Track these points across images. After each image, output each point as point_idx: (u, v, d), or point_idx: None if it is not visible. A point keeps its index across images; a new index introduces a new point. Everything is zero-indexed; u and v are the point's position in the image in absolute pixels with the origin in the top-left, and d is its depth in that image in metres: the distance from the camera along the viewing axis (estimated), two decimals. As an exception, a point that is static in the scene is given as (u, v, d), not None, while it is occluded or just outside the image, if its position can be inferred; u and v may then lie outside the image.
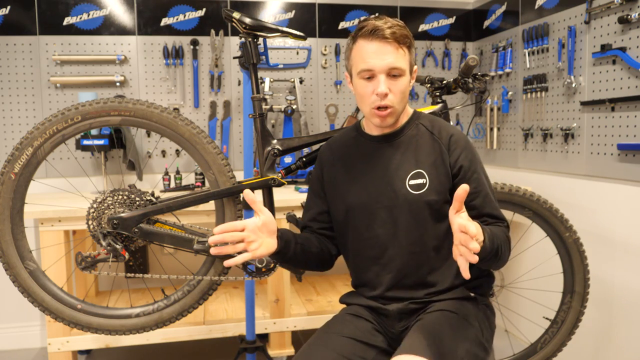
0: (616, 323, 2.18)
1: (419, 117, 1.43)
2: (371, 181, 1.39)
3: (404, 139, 1.39)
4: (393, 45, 1.28)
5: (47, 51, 2.76)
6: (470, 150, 1.37)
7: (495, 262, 1.28)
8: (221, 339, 2.49)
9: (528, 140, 2.71)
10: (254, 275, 1.61)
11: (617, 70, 2.13)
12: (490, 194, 1.38)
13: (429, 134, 1.39)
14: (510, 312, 2.72)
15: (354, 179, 1.42)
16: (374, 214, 1.38)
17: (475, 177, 1.35)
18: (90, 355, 2.71)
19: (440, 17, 3.19)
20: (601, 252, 2.22)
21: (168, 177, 2.72)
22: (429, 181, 1.34)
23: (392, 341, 1.40)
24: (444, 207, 1.34)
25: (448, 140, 1.37)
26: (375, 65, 1.28)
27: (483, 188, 1.36)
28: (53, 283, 1.61)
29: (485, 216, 1.35)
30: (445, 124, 1.42)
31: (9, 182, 1.51)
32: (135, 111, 1.53)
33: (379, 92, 1.28)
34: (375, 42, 1.28)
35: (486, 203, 1.35)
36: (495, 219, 1.36)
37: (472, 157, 1.37)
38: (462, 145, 1.36)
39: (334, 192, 1.45)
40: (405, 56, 1.31)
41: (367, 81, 1.31)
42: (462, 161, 1.35)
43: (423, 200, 1.33)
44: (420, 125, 1.41)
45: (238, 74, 2.95)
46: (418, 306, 1.37)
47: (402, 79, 1.31)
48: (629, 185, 2.10)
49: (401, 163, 1.37)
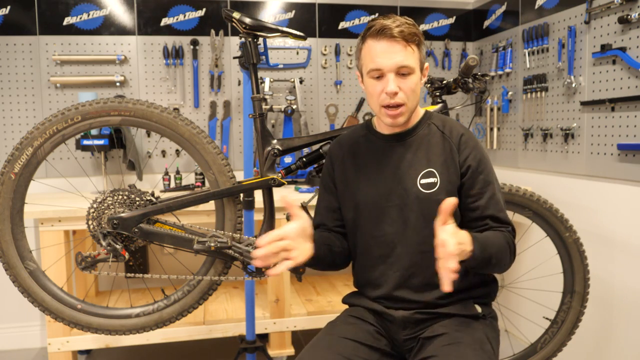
0: (616, 323, 2.18)
1: (431, 117, 1.43)
2: (382, 179, 1.38)
3: (416, 139, 1.39)
4: (401, 44, 1.28)
5: (47, 51, 2.76)
6: (479, 150, 1.37)
7: (489, 269, 1.28)
8: (221, 339, 2.49)
9: (528, 140, 2.71)
10: (254, 275, 1.61)
11: (617, 70, 2.13)
12: (497, 196, 1.36)
13: (440, 134, 1.38)
14: (510, 312, 2.72)
15: (364, 176, 1.41)
16: (384, 212, 1.37)
17: (482, 178, 1.35)
18: (90, 355, 2.71)
19: (440, 17, 3.19)
20: (601, 252, 2.22)
21: (168, 177, 2.72)
22: (440, 180, 1.34)
23: (395, 346, 1.39)
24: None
25: (458, 139, 1.36)
26: (384, 65, 1.28)
27: (489, 189, 1.35)
28: (53, 283, 1.61)
29: (488, 218, 1.34)
30: (456, 123, 1.41)
31: (9, 182, 1.51)
32: (135, 111, 1.53)
33: (388, 91, 1.28)
34: (383, 41, 1.28)
35: (490, 205, 1.34)
36: (498, 223, 1.35)
37: (481, 157, 1.36)
38: (471, 145, 1.36)
39: (344, 189, 1.45)
40: (414, 54, 1.30)
41: (376, 80, 1.31)
42: (470, 161, 1.34)
43: (434, 200, 1.32)
44: (432, 125, 1.40)
45: (238, 74, 2.95)
46: (423, 317, 1.35)
47: (411, 77, 1.30)
48: (629, 185, 2.10)
49: (413, 162, 1.36)
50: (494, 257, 1.25)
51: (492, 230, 1.33)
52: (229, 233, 1.59)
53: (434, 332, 1.32)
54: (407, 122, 1.38)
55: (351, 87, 3.11)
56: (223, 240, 1.54)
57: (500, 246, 1.29)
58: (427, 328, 1.35)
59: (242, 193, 1.63)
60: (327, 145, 1.67)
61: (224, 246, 1.53)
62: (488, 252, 1.23)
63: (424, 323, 1.36)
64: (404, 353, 1.39)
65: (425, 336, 1.33)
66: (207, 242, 1.53)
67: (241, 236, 1.59)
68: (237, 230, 1.62)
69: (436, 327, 1.34)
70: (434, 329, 1.33)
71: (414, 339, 1.36)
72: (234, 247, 1.56)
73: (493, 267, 1.28)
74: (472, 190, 1.35)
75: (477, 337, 1.29)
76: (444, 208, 1.12)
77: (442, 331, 1.31)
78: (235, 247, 1.56)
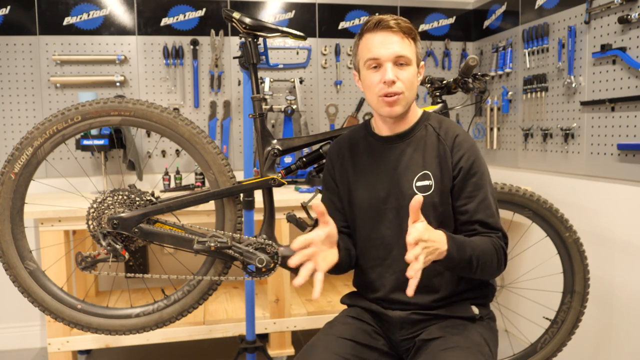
0: (616, 323, 2.18)
1: (428, 118, 1.41)
2: (379, 181, 1.38)
3: (413, 140, 1.38)
4: (398, 35, 1.28)
5: (47, 51, 2.76)
6: (473, 152, 1.34)
7: (473, 273, 1.26)
8: (221, 339, 2.49)
9: (528, 140, 2.71)
10: (254, 275, 1.61)
11: (617, 70, 2.13)
12: (488, 201, 1.33)
13: (435, 135, 1.37)
14: (510, 312, 2.72)
15: (362, 178, 1.41)
16: (381, 214, 1.37)
17: (474, 181, 1.32)
18: (90, 355, 2.71)
19: (440, 17, 3.19)
20: (601, 252, 2.22)
21: (168, 177, 2.72)
22: (434, 183, 1.32)
23: (392, 346, 1.39)
24: (448, 209, 1.33)
25: (452, 141, 1.34)
26: (382, 54, 1.28)
27: (480, 193, 1.32)
28: (53, 283, 1.61)
29: (476, 223, 1.31)
30: (452, 124, 1.39)
31: (9, 182, 1.51)
32: (135, 111, 1.53)
33: (387, 79, 1.27)
34: (380, 32, 1.28)
35: (480, 209, 1.31)
36: (488, 228, 1.32)
37: (475, 159, 1.33)
38: (465, 147, 1.34)
39: (344, 191, 1.44)
40: (411, 46, 1.30)
41: (373, 70, 1.30)
42: (463, 163, 1.32)
43: (429, 203, 1.31)
44: (428, 126, 1.39)
45: (238, 74, 2.95)
46: (420, 317, 1.35)
47: (409, 68, 1.30)
48: (629, 185, 2.10)
49: (409, 164, 1.35)
50: (474, 260, 1.22)
51: (480, 236, 1.30)
52: (229, 233, 1.59)
53: (431, 334, 1.31)
54: (404, 122, 1.38)
55: (351, 87, 3.11)
56: (223, 240, 1.54)
57: (485, 250, 1.26)
58: (424, 329, 1.34)
59: (242, 193, 1.63)
60: (327, 145, 1.67)
61: (224, 246, 1.53)
62: (467, 253, 1.21)
63: (421, 324, 1.35)
64: (401, 353, 1.39)
65: (422, 338, 1.32)
66: (207, 242, 1.53)
67: (241, 236, 1.59)
68: (237, 230, 1.62)
69: (433, 329, 1.33)
70: (430, 331, 1.32)
71: (410, 340, 1.36)
72: (234, 247, 1.55)
73: (477, 271, 1.25)
74: (462, 192, 1.32)
75: (475, 340, 1.28)
76: (412, 205, 1.11)
77: (439, 334, 1.30)
78: (235, 247, 1.56)
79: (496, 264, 1.29)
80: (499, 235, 1.33)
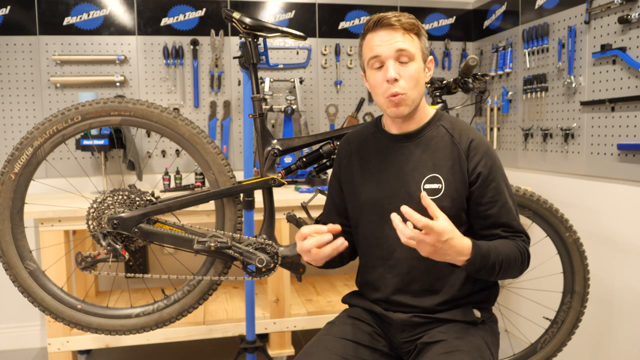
0: (616, 323, 2.18)
1: (441, 118, 1.38)
2: (386, 181, 1.36)
3: (423, 140, 1.35)
4: (399, 32, 1.26)
5: (47, 51, 2.76)
6: (490, 156, 1.31)
7: (496, 276, 1.26)
8: (221, 339, 2.49)
9: (528, 140, 2.71)
10: (254, 275, 1.61)
11: (617, 70, 2.13)
12: (509, 204, 1.32)
13: (449, 137, 1.34)
14: (510, 312, 2.72)
15: (369, 176, 1.39)
16: (386, 214, 1.33)
17: (494, 186, 1.30)
18: (90, 355, 2.71)
19: (440, 17, 3.19)
20: (601, 252, 2.22)
21: (168, 177, 2.72)
22: (445, 187, 1.30)
23: (393, 347, 1.39)
24: (459, 214, 1.31)
25: (468, 145, 1.31)
26: (382, 51, 1.26)
27: (501, 197, 1.31)
28: (53, 283, 1.61)
29: (501, 227, 1.31)
30: (466, 127, 1.36)
31: (9, 182, 1.51)
32: (135, 111, 1.53)
33: (389, 76, 1.25)
34: (381, 30, 1.27)
35: (503, 213, 1.30)
36: (512, 231, 1.31)
37: (493, 164, 1.31)
38: (482, 152, 1.31)
39: (349, 187, 1.44)
40: (413, 41, 1.28)
41: (377, 70, 1.29)
42: (481, 168, 1.30)
43: (437, 206, 1.29)
44: (440, 127, 1.36)
45: (238, 74, 2.95)
46: (422, 320, 1.34)
47: (412, 64, 1.27)
48: (629, 185, 2.10)
49: (418, 165, 1.33)
50: (498, 266, 1.22)
51: (504, 240, 1.30)
52: (229, 233, 1.59)
53: (432, 338, 1.30)
54: (414, 121, 1.35)
55: (351, 87, 3.11)
56: (223, 240, 1.54)
57: (509, 256, 1.26)
58: (425, 332, 1.33)
59: (242, 193, 1.63)
60: (327, 145, 1.67)
61: (224, 246, 1.53)
62: (492, 260, 1.21)
63: (422, 327, 1.34)
64: (402, 355, 1.38)
65: (424, 341, 1.31)
66: (207, 242, 1.53)
67: (241, 236, 1.59)
68: (237, 230, 1.62)
69: (434, 332, 1.32)
70: (432, 335, 1.31)
71: (412, 342, 1.35)
72: (234, 247, 1.56)
73: (500, 274, 1.25)
74: (483, 198, 1.30)
75: (476, 344, 1.28)
76: (424, 202, 1.15)
77: (441, 338, 1.29)
78: (235, 247, 1.56)
79: (519, 267, 1.30)
80: (523, 238, 1.33)
